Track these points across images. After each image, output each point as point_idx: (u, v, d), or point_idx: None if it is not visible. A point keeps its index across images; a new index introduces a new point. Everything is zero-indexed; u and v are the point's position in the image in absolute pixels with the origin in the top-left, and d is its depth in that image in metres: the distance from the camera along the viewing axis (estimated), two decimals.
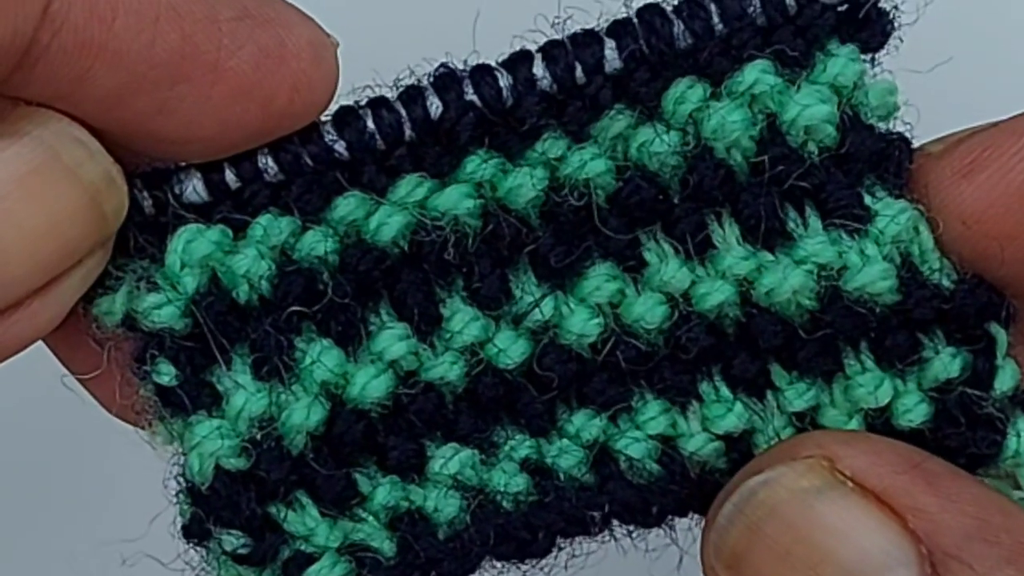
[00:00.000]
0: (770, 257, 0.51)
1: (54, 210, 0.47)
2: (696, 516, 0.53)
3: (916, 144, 0.51)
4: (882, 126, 0.51)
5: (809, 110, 0.50)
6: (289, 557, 0.50)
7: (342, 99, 0.51)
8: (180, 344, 0.50)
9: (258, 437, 0.50)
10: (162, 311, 0.50)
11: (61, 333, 0.51)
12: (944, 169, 0.50)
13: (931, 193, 0.50)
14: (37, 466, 0.75)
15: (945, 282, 0.50)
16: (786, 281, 0.50)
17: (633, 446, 0.51)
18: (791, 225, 0.51)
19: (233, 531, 0.50)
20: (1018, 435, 0.51)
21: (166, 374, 0.50)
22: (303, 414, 0.50)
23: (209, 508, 0.50)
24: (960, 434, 0.51)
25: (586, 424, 0.52)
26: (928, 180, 0.51)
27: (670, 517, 0.52)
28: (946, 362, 0.50)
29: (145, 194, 0.50)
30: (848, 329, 0.50)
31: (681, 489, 0.52)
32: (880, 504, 0.47)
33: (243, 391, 0.50)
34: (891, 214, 0.50)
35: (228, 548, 0.50)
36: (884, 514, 0.47)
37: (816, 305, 0.50)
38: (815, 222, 0.51)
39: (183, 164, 0.51)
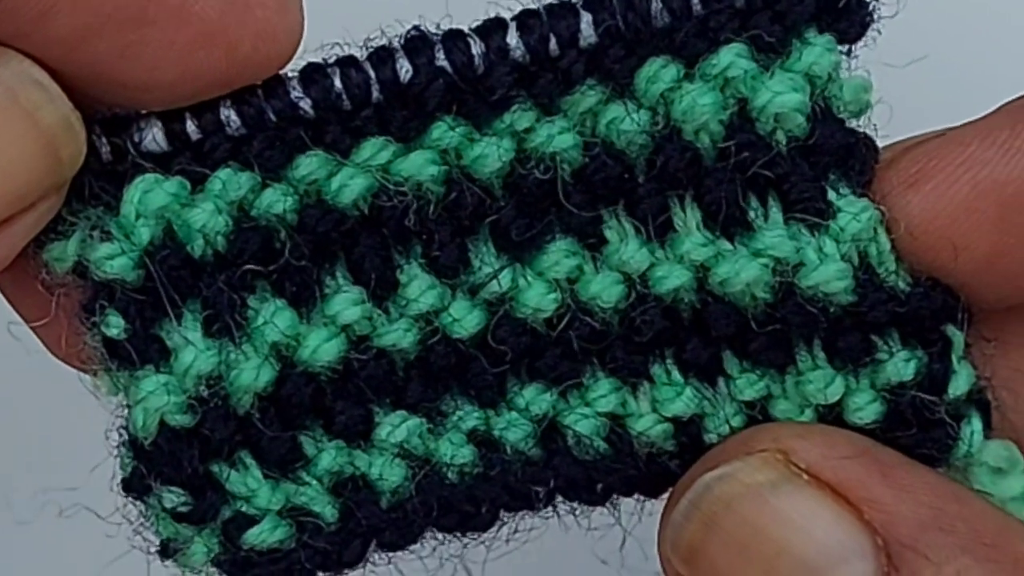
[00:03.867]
0: (728, 246, 0.50)
1: (8, 152, 0.46)
2: (641, 497, 0.53)
3: (883, 142, 0.51)
4: (853, 122, 0.50)
5: (780, 97, 0.49)
6: (229, 517, 0.50)
7: (310, 56, 0.49)
8: (131, 296, 0.49)
9: (205, 395, 0.49)
10: (114, 261, 0.49)
11: (11, 276, 0.50)
12: (891, 178, 0.50)
13: (878, 202, 0.50)
14: None
15: (901, 284, 0.50)
16: (741, 273, 0.49)
17: (582, 422, 0.51)
18: (752, 215, 0.50)
19: (174, 488, 0.50)
20: (970, 438, 0.50)
21: (115, 326, 0.49)
22: (252, 374, 0.49)
23: (151, 463, 0.49)
24: (911, 435, 0.50)
25: (536, 398, 0.51)
26: (875, 188, 0.50)
27: (615, 496, 0.52)
28: (900, 365, 0.50)
29: (103, 140, 0.49)
30: (801, 326, 0.50)
31: (627, 468, 0.51)
32: (835, 496, 0.47)
33: (192, 347, 0.49)
34: (853, 212, 0.49)
35: (168, 505, 0.50)
36: (839, 506, 0.47)
37: (771, 298, 0.50)
38: (776, 214, 0.50)
39: (144, 112, 0.49)
